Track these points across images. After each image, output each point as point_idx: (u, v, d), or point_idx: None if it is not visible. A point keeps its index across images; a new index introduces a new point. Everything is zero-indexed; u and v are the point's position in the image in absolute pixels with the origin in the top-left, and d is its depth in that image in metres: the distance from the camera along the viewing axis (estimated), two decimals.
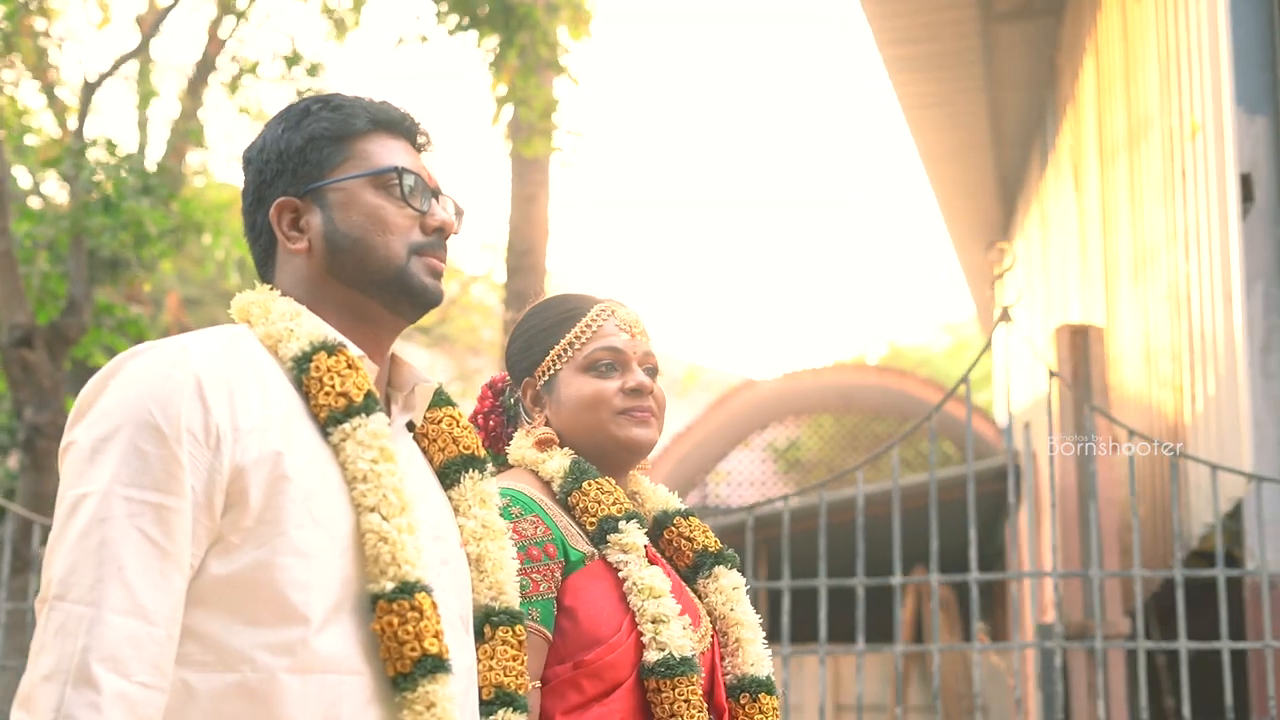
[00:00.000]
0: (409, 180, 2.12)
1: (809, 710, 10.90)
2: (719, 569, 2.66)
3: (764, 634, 2.64)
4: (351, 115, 2.14)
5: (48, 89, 10.58)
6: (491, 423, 2.79)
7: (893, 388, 15.66)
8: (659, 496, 2.76)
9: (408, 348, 18.38)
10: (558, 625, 2.44)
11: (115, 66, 8.68)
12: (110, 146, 7.83)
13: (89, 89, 8.33)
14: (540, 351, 2.69)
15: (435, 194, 2.18)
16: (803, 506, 9.62)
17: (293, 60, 10.07)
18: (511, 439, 2.73)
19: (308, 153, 2.12)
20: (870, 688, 10.43)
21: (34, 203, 9.07)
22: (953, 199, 14.63)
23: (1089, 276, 9.93)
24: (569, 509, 2.56)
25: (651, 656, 2.41)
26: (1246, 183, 6.16)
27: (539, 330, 2.71)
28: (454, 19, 9.54)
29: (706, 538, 2.70)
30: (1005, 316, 5.80)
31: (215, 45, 11.84)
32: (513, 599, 2.26)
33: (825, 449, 17.33)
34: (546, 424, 2.66)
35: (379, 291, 2.11)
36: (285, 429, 1.95)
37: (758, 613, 2.67)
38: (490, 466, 2.29)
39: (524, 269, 11.68)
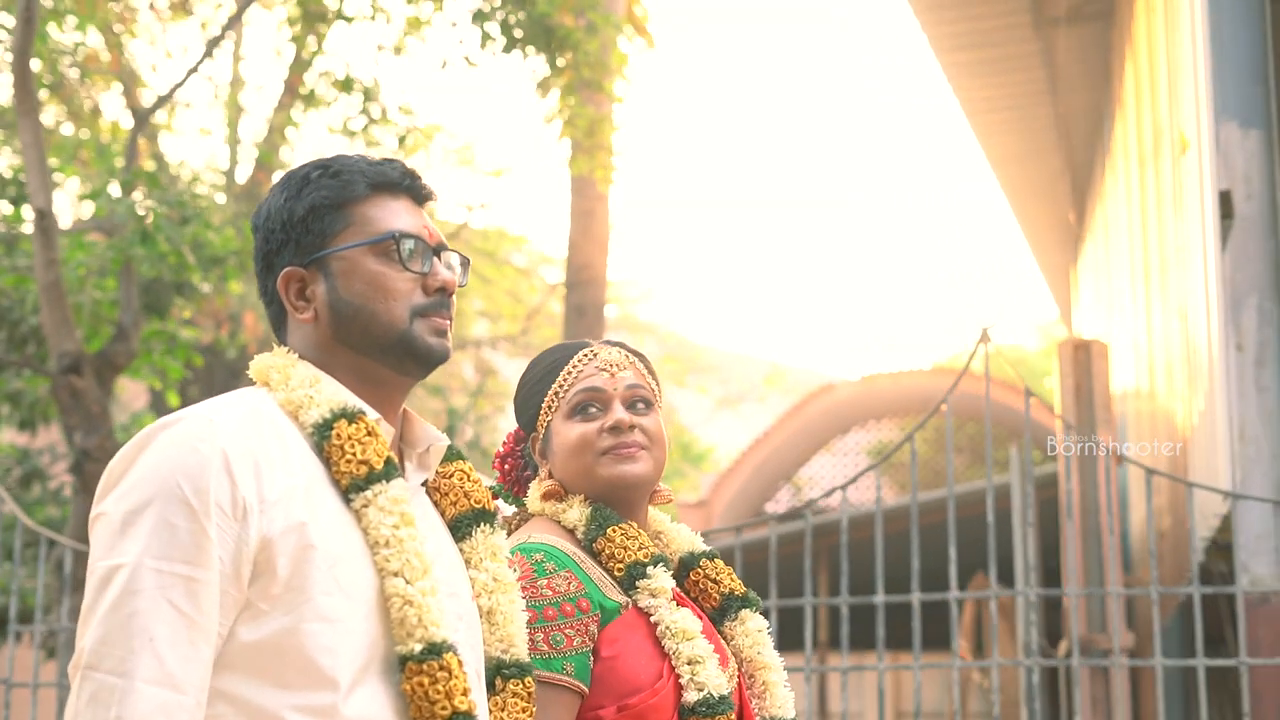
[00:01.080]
0: (408, 244, 2.17)
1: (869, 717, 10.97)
2: (745, 612, 2.73)
3: (785, 675, 2.71)
4: (350, 181, 2.19)
5: (133, 110, 10.94)
6: (508, 465, 2.86)
7: (970, 391, 15.56)
8: (683, 538, 2.81)
9: (496, 357, 18.68)
10: (596, 675, 2.48)
11: (169, 95, 9.02)
12: (151, 179, 8.16)
13: (140, 118, 8.67)
14: (535, 405, 2.75)
15: (437, 251, 2.22)
16: (893, 508, 9.66)
17: (346, 85, 10.34)
18: (529, 484, 2.80)
19: (310, 222, 2.18)
20: (929, 693, 10.47)
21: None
22: (1026, 202, 14.56)
23: (1109, 288, 9.89)
24: (595, 555, 2.61)
25: (691, 697, 2.48)
26: (1226, 200, 6.14)
27: (532, 383, 2.77)
28: (499, 41, 9.75)
29: (732, 581, 2.76)
30: (985, 338, 5.86)
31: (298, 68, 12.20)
32: (522, 651, 2.30)
33: (925, 450, 17.32)
34: (550, 475, 2.72)
35: (385, 355, 2.16)
36: (309, 498, 2.02)
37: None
38: (500, 520, 2.35)
39: (583, 283, 11.87)
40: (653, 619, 2.54)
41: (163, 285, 10.30)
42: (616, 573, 2.58)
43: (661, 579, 2.56)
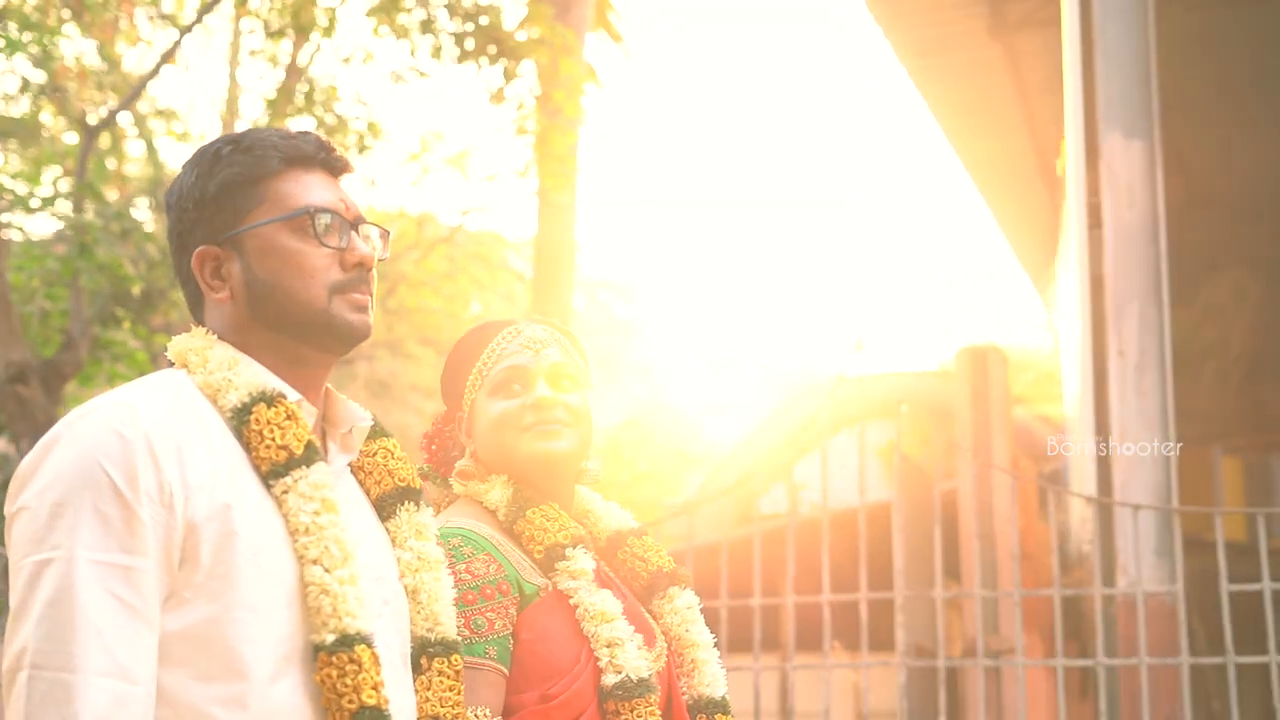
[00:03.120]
0: (323, 219, 2.12)
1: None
2: (673, 590, 2.70)
3: (718, 654, 2.69)
4: (263, 156, 2.13)
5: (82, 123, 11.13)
6: (434, 446, 2.81)
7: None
8: (612, 516, 2.78)
9: None
10: (516, 658, 2.46)
11: (116, 111, 9.25)
12: (94, 194, 8.40)
13: (90, 133, 8.91)
14: (459, 383, 2.72)
15: (355, 225, 2.17)
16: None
17: (310, 97, 10.56)
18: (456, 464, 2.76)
19: (222, 199, 2.12)
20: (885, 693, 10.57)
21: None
22: (1005, 205, 14.61)
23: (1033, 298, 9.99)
24: (516, 538, 2.58)
25: (609, 680, 2.45)
26: (1094, 211, 6.27)
27: (457, 362, 2.74)
28: (452, 52, 9.94)
29: (660, 558, 2.73)
30: (858, 347, 6.02)
31: (294, 75, 12.46)
32: (449, 630, 2.25)
33: (928, 450, 17.34)
34: (475, 454, 2.69)
35: (304, 334, 2.12)
36: (232, 483, 1.98)
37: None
38: (424, 498, 2.31)
39: (551, 286, 12.06)
40: (572, 601, 2.51)
41: (129, 294, 10.55)
42: (536, 555, 2.55)
43: (581, 561, 2.54)
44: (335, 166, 2.21)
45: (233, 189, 2.12)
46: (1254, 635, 5.56)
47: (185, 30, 9.24)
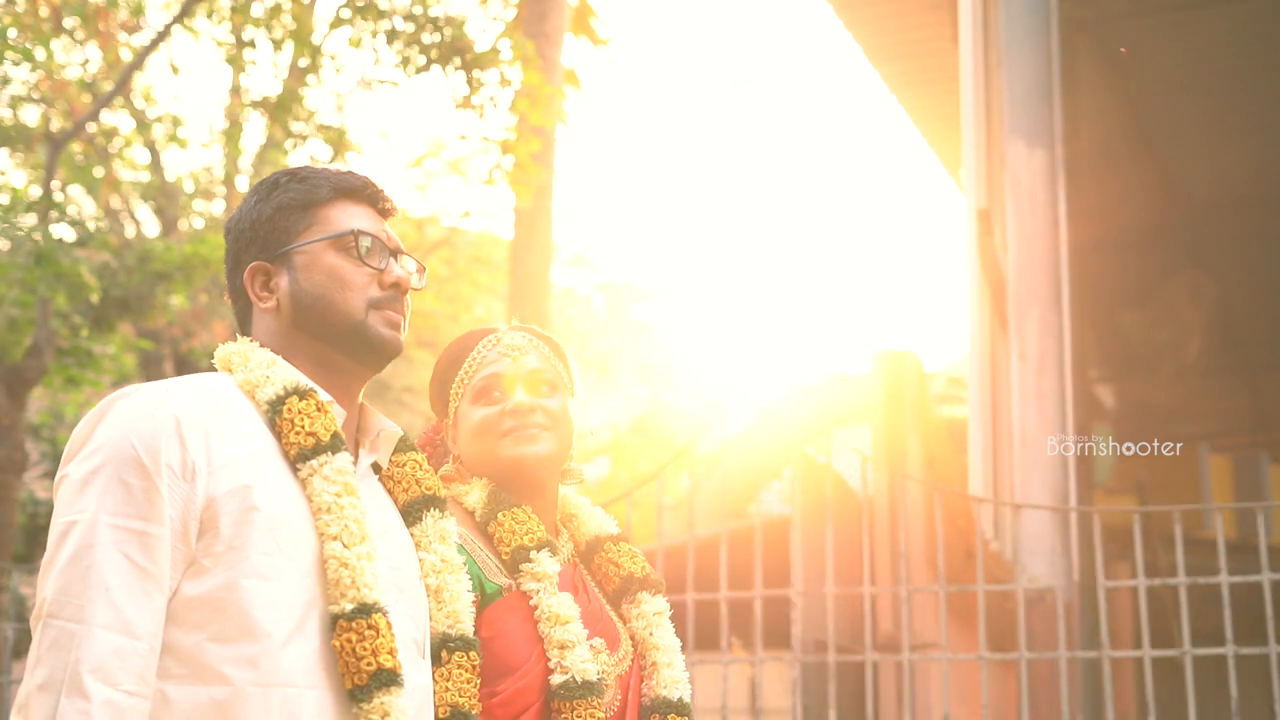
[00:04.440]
0: (365, 241, 2.34)
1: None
2: (642, 595, 2.78)
3: (682, 658, 2.77)
4: (316, 186, 2.37)
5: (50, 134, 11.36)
6: (426, 454, 2.82)
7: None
8: (594, 520, 2.87)
9: None
10: None
11: (83, 122, 9.50)
12: (53, 203, 8.65)
13: (55, 144, 9.16)
14: (445, 392, 2.83)
15: (394, 254, 2.39)
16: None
17: (286, 108, 10.79)
18: None
19: (276, 221, 2.35)
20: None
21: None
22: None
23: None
24: (489, 539, 2.67)
25: (555, 680, 2.54)
26: (984, 218, 6.43)
27: (442, 371, 2.85)
28: (416, 59, 10.13)
29: (633, 563, 2.81)
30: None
31: (295, 77, 12.72)
32: (467, 627, 2.43)
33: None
34: (459, 460, 2.79)
35: (341, 343, 2.32)
36: (255, 464, 2.16)
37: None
38: (448, 507, 2.48)
39: (528, 293, 12.24)
40: (531, 602, 2.59)
41: (110, 300, 10.81)
42: (504, 556, 2.64)
43: (544, 564, 2.62)
44: (381, 204, 2.43)
45: (287, 212, 2.36)
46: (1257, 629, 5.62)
47: (152, 44, 9.47)
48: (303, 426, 2.21)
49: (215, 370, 2.34)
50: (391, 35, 9.96)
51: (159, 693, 2.04)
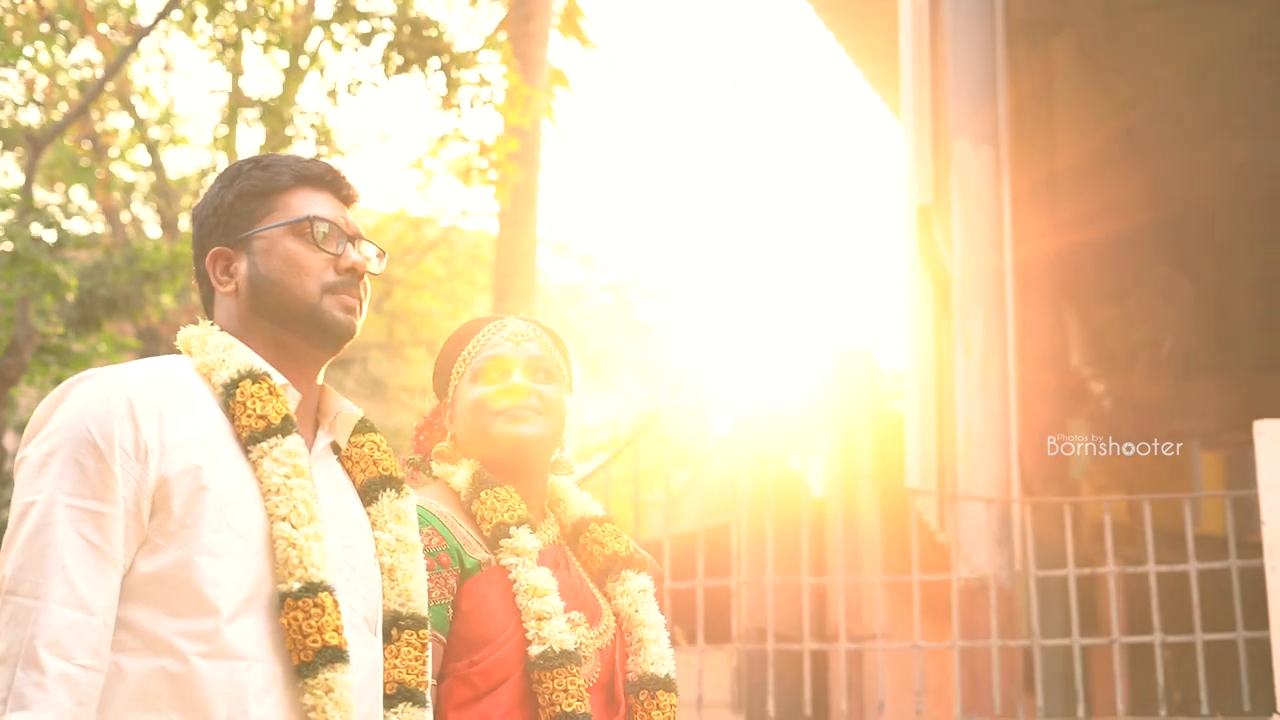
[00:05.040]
0: (322, 227, 2.38)
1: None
2: (626, 573, 2.83)
3: (666, 635, 2.81)
4: (278, 173, 2.42)
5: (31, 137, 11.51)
6: (423, 437, 2.98)
7: None
8: (580, 504, 2.93)
9: None
10: (453, 627, 2.63)
11: (64, 125, 9.66)
12: (30, 203, 8.80)
13: (36, 146, 9.32)
14: (447, 372, 2.91)
15: (353, 239, 2.42)
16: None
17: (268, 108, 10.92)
18: None
19: (237, 207, 2.39)
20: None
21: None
22: None
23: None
24: (472, 517, 2.73)
25: (534, 650, 2.60)
26: (925, 214, 6.53)
27: (445, 353, 2.92)
28: (394, 61, 10.25)
29: (618, 542, 2.86)
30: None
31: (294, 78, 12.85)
32: (419, 606, 2.46)
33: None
34: (454, 439, 2.86)
35: (296, 326, 2.36)
36: (207, 446, 2.21)
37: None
38: (406, 488, 2.51)
39: (512, 291, 12.34)
40: (510, 576, 2.66)
41: (97, 299, 10.97)
42: (485, 532, 2.70)
43: (524, 539, 2.68)
44: (342, 191, 2.48)
45: (248, 198, 2.41)
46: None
47: (132, 45, 9.61)
48: (254, 410, 2.25)
49: (178, 353, 2.38)
50: (368, 37, 10.08)
51: (114, 665, 2.09)
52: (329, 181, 2.45)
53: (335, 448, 2.47)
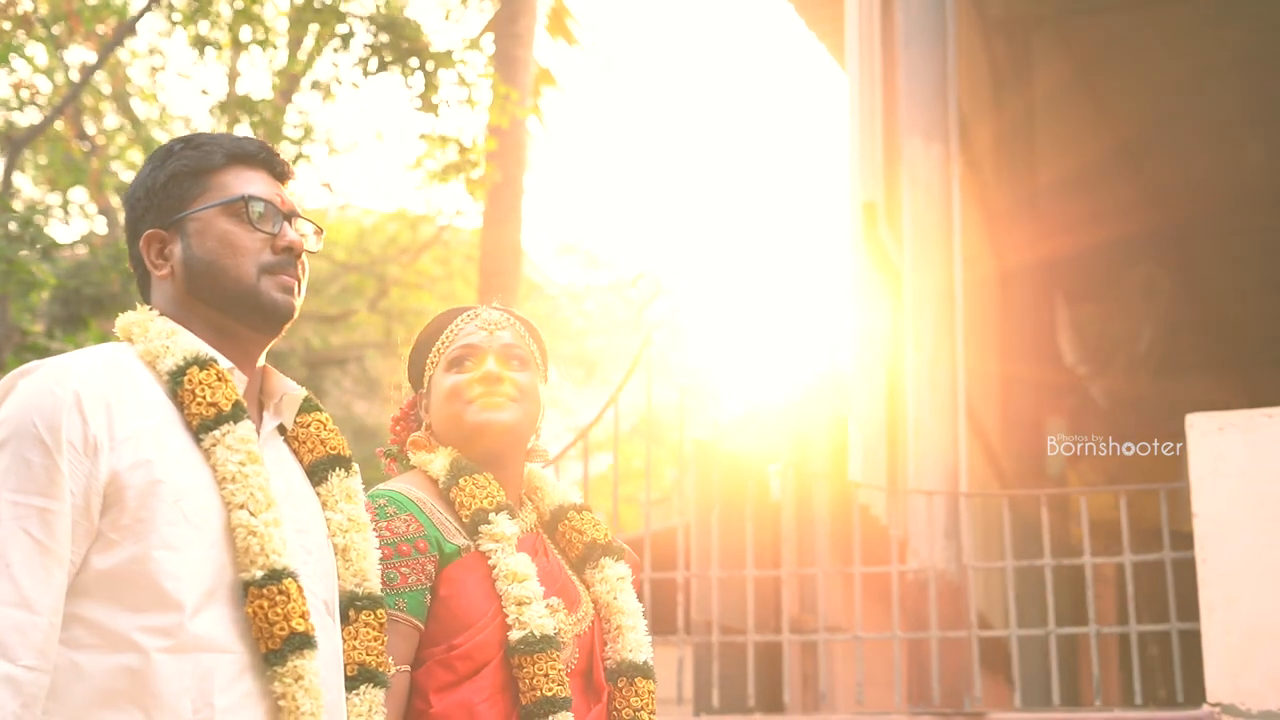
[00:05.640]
0: (257, 207, 2.33)
1: None
2: (605, 560, 2.84)
3: (645, 622, 2.81)
4: (209, 152, 2.36)
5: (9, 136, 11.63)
6: (399, 428, 2.96)
7: None
8: (558, 492, 2.93)
9: None
10: (432, 613, 2.62)
11: (42, 126, 9.77)
12: (5, 203, 8.91)
13: (15, 146, 9.44)
14: (421, 363, 2.90)
15: (289, 217, 2.37)
16: None
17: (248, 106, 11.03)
18: None
19: (170, 188, 2.33)
20: None
21: None
22: None
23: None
24: (450, 504, 2.73)
25: (515, 635, 2.60)
26: (871, 211, 6.59)
27: (420, 344, 2.92)
28: (372, 62, 10.36)
29: (596, 530, 2.87)
30: (648, 341, 6.39)
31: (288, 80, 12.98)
32: (375, 585, 2.44)
33: None
34: (430, 428, 2.85)
35: (234, 309, 2.31)
36: (158, 437, 2.16)
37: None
38: (354, 465, 2.49)
39: (497, 290, 12.43)
40: (490, 562, 2.65)
41: (80, 298, 11.08)
42: (464, 519, 2.69)
43: (503, 525, 2.68)
44: (276, 168, 2.42)
45: (180, 179, 2.34)
46: None
47: (113, 44, 9.72)
48: (204, 397, 2.21)
49: (117, 340, 2.34)
50: (347, 39, 10.18)
51: (70, 663, 2.06)
52: (263, 159, 2.41)
53: (281, 429, 2.44)
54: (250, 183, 2.36)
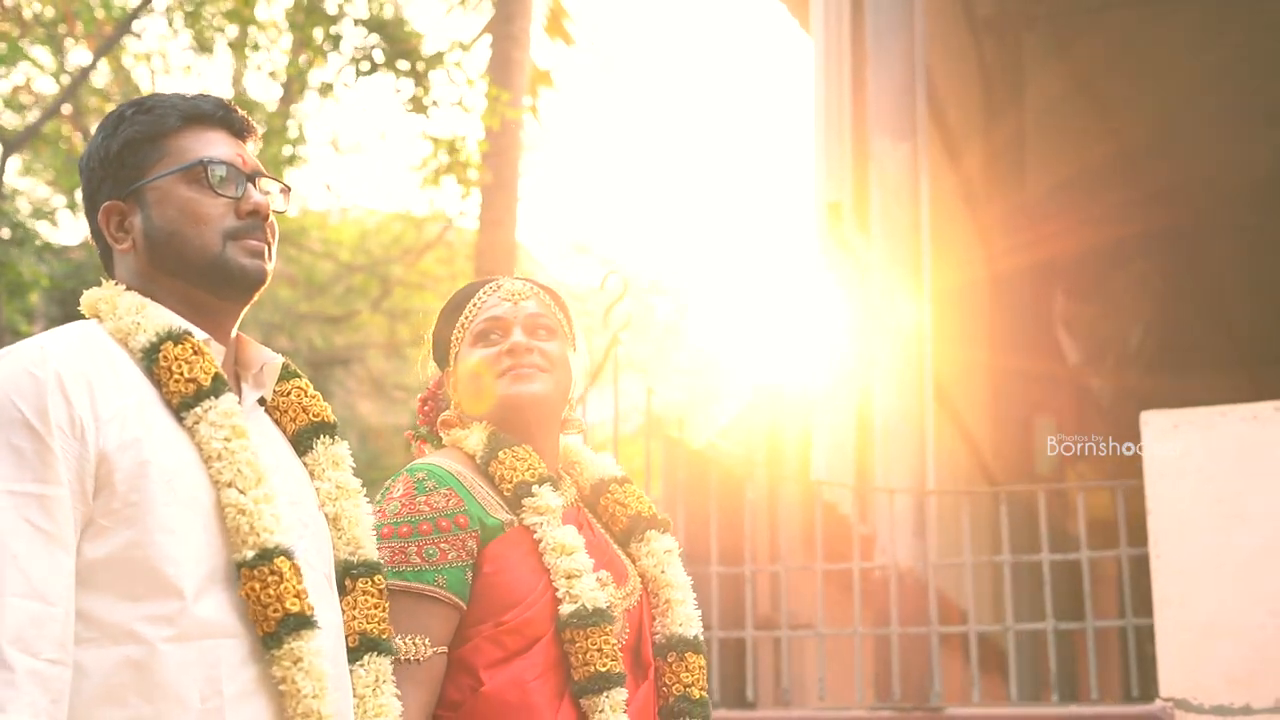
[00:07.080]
0: (218, 170, 2.22)
1: None
2: (651, 533, 2.76)
3: (694, 596, 2.75)
4: (163, 115, 2.24)
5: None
6: (428, 407, 2.89)
7: None
8: (598, 465, 2.85)
9: None
10: (476, 590, 2.54)
11: (38, 125, 9.86)
12: None
13: (8, 148, 9.53)
14: (446, 339, 2.81)
15: (253, 178, 2.26)
16: None
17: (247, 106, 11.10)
18: None
19: (125, 156, 2.22)
20: None
21: None
22: None
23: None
24: (490, 478, 2.65)
25: (566, 609, 2.52)
26: (836, 210, 6.63)
27: (443, 321, 2.83)
28: (364, 64, 10.43)
29: (640, 504, 2.80)
30: (616, 341, 6.44)
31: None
32: (369, 552, 2.36)
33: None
34: (459, 406, 2.77)
35: (201, 279, 2.21)
36: (141, 416, 2.07)
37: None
38: (339, 430, 2.41)
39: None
40: (535, 536, 2.58)
41: (78, 299, 11.16)
42: (506, 492, 2.62)
43: (547, 498, 2.60)
44: (235, 126, 2.30)
45: (135, 146, 2.23)
46: None
47: (104, 48, 9.81)
48: (182, 373, 2.12)
49: (84, 317, 2.24)
50: (336, 40, 10.25)
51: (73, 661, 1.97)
52: (220, 118, 2.29)
53: (261, 400, 2.35)
54: (209, 144, 2.25)
